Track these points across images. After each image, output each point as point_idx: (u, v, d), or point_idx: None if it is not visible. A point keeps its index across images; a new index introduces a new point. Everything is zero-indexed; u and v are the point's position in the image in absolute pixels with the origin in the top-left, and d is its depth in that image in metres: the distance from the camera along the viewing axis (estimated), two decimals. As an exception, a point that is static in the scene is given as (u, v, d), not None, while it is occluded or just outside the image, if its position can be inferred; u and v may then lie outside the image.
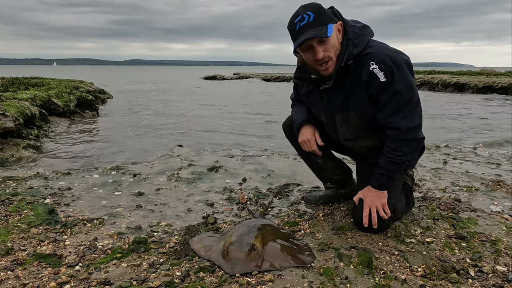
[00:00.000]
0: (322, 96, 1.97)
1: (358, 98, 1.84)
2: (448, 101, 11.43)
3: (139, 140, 5.21)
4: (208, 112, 8.62)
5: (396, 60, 1.75)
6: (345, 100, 1.88)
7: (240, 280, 1.56)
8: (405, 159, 1.86)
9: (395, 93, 1.76)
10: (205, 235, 2.00)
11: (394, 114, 1.79)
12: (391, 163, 1.86)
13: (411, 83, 1.78)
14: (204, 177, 3.23)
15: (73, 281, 1.57)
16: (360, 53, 1.77)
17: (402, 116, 1.78)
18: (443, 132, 5.84)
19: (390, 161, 1.86)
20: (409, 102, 1.78)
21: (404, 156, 1.84)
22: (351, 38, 1.78)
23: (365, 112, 1.87)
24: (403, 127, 1.78)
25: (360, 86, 1.81)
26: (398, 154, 1.83)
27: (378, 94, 1.79)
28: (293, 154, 4.02)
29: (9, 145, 3.97)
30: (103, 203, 2.58)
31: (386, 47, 1.81)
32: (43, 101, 6.00)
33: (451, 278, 1.59)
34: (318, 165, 2.38)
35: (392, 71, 1.73)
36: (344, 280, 1.57)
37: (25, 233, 2.03)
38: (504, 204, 2.55)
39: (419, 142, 1.87)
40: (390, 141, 1.84)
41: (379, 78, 1.74)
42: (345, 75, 1.83)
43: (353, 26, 1.82)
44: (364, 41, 1.79)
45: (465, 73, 19.09)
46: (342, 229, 2.07)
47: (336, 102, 1.92)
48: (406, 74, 1.77)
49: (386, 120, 1.82)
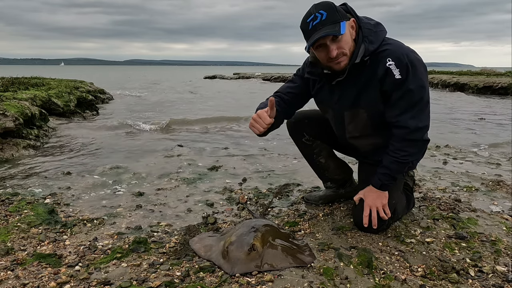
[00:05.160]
0: (334, 91, 1.95)
1: (370, 95, 1.84)
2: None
3: (139, 140, 5.21)
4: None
5: (413, 59, 1.76)
6: (357, 96, 1.87)
7: (240, 280, 1.56)
8: (410, 160, 1.85)
9: (407, 92, 1.76)
10: (205, 235, 2.00)
11: (404, 113, 1.79)
12: (395, 162, 1.85)
13: (424, 83, 1.79)
14: (204, 177, 3.23)
15: (73, 281, 1.57)
16: (376, 49, 1.77)
17: (411, 115, 1.78)
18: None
19: (394, 160, 1.85)
20: (419, 102, 1.78)
21: (409, 156, 1.83)
22: (366, 35, 1.78)
23: (375, 110, 1.86)
24: (412, 127, 1.78)
25: (374, 82, 1.81)
26: (403, 154, 1.83)
27: (390, 91, 1.78)
28: (293, 154, 4.02)
29: (9, 145, 3.97)
30: (103, 203, 2.58)
31: (403, 46, 1.82)
32: (43, 101, 6.00)
33: (451, 278, 1.59)
34: (320, 165, 2.38)
35: (407, 69, 1.74)
36: (344, 280, 1.57)
37: (25, 233, 2.03)
38: (504, 204, 2.55)
39: (424, 143, 1.86)
40: (397, 141, 1.83)
41: (394, 75, 1.74)
42: (360, 70, 1.82)
43: (367, 23, 1.82)
44: (379, 38, 1.79)
45: (465, 73, 19.09)
46: (342, 229, 2.07)
47: (348, 98, 1.90)
48: (421, 73, 1.77)
49: (395, 118, 1.81)
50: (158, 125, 6.30)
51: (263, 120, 1.88)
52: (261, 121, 1.88)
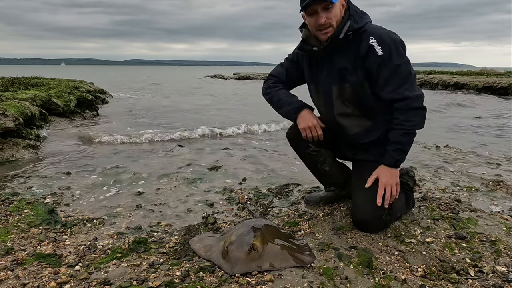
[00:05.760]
0: (322, 68, 2.08)
1: (354, 71, 1.95)
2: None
3: (139, 139, 5.20)
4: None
5: (395, 39, 1.91)
6: (343, 71, 1.98)
7: (240, 280, 1.56)
8: (415, 129, 1.93)
9: (395, 68, 1.87)
10: (205, 235, 2.00)
11: (399, 86, 1.89)
12: (404, 134, 1.92)
13: (408, 59, 1.93)
14: (204, 177, 3.23)
15: (73, 281, 1.57)
16: (360, 28, 1.92)
17: (406, 87, 1.90)
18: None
19: (402, 133, 1.92)
20: (409, 75, 1.91)
21: (414, 126, 1.92)
22: (353, 14, 1.94)
23: (360, 86, 1.97)
24: (412, 95, 1.89)
25: (358, 59, 1.92)
26: (409, 124, 1.91)
27: (376, 69, 1.89)
28: (293, 154, 4.01)
29: (9, 145, 3.97)
30: (103, 203, 2.58)
31: (384, 28, 1.97)
32: (43, 101, 5.99)
33: (451, 278, 1.59)
34: (325, 172, 2.38)
35: (389, 47, 1.87)
36: (344, 280, 1.57)
37: (25, 233, 2.03)
38: (504, 204, 2.55)
39: (424, 111, 1.95)
40: (400, 113, 1.92)
41: (377, 52, 1.86)
42: (344, 47, 1.95)
43: (355, 7, 2.00)
44: (363, 21, 1.95)
45: (465, 73, 19.06)
46: (342, 229, 2.07)
47: (334, 73, 2.01)
48: (403, 51, 1.93)
49: (392, 93, 1.90)
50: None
51: (317, 130, 2.11)
52: (315, 130, 2.11)
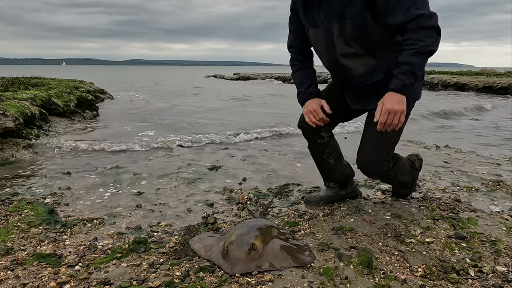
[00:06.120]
0: (319, 9, 1.98)
1: (354, 7, 1.85)
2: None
3: (139, 139, 5.20)
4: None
5: None
6: (342, 8, 1.88)
7: (240, 280, 1.56)
8: (428, 49, 1.80)
9: None
10: (205, 235, 2.00)
11: (410, 7, 1.77)
12: (415, 54, 1.79)
13: None
14: (204, 177, 3.23)
15: (73, 281, 1.57)
16: None
17: (417, 7, 1.78)
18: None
19: (413, 52, 1.79)
20: None
21: (427, 46, 1.79)
22: None
23: (361, 19, 1.87)
24: (426, 12, 1.77)
25: None
26: (422, 44, 1.78)
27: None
28: (293, 154, 4.02)
29: (9, 145, 3.97)
30: (103, 203, 2.58)
31: None
32: (43, 101, 5.99)
33: (451, 278, 1.60)
34: (329, 165, 2.38)
35: None
36: (344, 280, 1.57)
37: (25, 233, 2.03)
38: (504, 204, 2.55)
39: (439, 31, 1.82)
40: (412, 33, 1.79)
41: None
42: None
43: None
44: None
45: (465, 73, 19.05)
46: (342, 229, 2.07)
47: (333, 12, 1.92)
48: None
49: (404, 15, 1.78)
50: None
51: (317, 113, 2.12)
52: (316, 114, 2.13)
